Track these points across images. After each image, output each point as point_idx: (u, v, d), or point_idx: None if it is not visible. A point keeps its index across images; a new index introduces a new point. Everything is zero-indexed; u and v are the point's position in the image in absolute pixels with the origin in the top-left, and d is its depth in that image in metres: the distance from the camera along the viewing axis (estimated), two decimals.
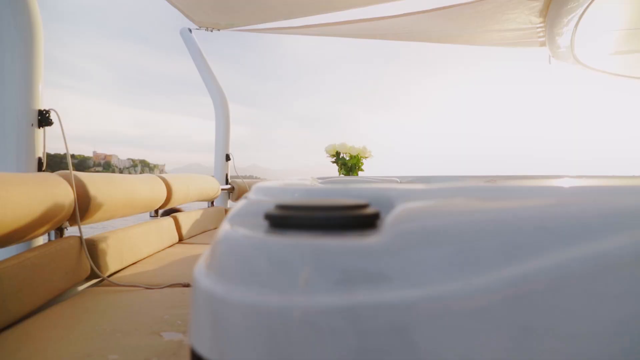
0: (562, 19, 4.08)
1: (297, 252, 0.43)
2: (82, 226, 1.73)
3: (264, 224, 0.52)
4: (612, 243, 0.39)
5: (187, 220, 2.94)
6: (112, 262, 1.85)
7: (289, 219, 0.49)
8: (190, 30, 4.33)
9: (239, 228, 0.56)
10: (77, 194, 1.68)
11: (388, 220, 0.46)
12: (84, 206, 1.72)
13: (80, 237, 1.70)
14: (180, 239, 2.79)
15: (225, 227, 0.60)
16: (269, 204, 0.61)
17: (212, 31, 4.32)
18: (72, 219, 1.69)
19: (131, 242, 2.09)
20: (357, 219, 0.49)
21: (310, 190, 0.64)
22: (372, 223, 0.50)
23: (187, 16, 3.97)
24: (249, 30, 4.39)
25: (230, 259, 0.48)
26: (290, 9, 3.91)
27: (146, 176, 2.50)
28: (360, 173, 3.37)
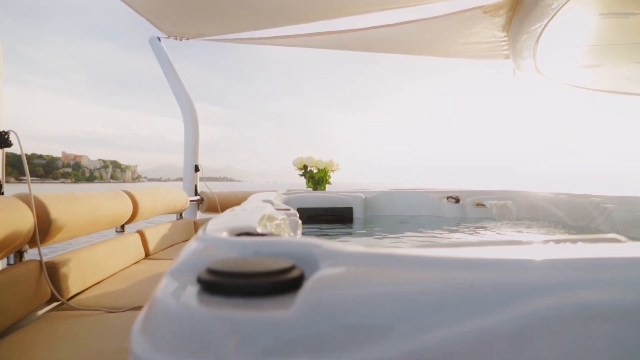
0: (523, 34, 4.22)
1: (218, 325, 0.48)
2: (44, 247, 1.73)
3: (197, 287, 0.57)
4: (495, 318, 0.45)
5: (154, 234, 2.94)
6: (74, 283, 1.85)
7: (218, 285, 0.54)
8: (159, 39, 4.31)
9: (175, 289, 0.60)
10: (37, 216, 1.67)
11: (303, 292, 0.51)
12: (44, 228, 1.72)
13: (40, 261, 1.70)
14: (147, 255, 2.78)
15: (165, 282, 0.65)
16: (210, 258, 0.65)
17: (181, 40, 4.31)
18: (33, 242, 1.69)
19: (94, 261, 2.09)
20: (281, 284, 0.54)
21: (253, 243, 0.68)
22: (297, 285, 0.55)
23: (155, 26, 3.96)
24: (218, 40, 4.40)
25: (161, 326, 0.52)
26: (260, 20, 3.95)
27: (111, 192, 2.49)
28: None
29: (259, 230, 0.88)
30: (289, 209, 1.80)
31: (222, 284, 0.53)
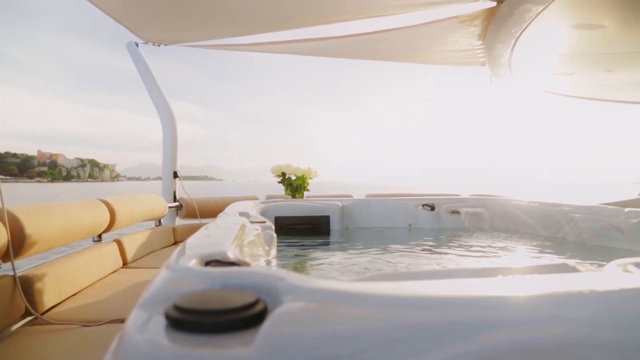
0: (498, 43, 4.32)
1: None
2: (18, 260, 1.72)
3: (165, 322, 0.59)
4: (438, 357, 0.48)
5: (132, 242, 2.93)
6: (50, 296, 1.84)
7: (184, 322, 0.57)
8: (136, 44, 4.28)
9: (143, 323, 0.63)
10: (10, 231, 1.67)
11: (265, 328, 0.54)
12: (18, 242, 1.71)
13: (14, 275, 1.69)
14: (125, 263, 2.77)
15: (134, 316, 0.67)
16: (179, 290, 0.68)
17: (159, 46, 4.30)
18: (6, 257, 1.68)
19: (71, 272, 2.08)
20: (244, 320, 0.57)
21: (220, 275, 0.71)
22: (260, 319, 0.59)
23: (133, 32, 3.94)
24: (197, 46, 4.40)
25: None
26: (238, 27, 3.96)
27: (87, 202, 2.48)
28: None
29: (230, 254, 0.91)
30: (264, 222, 1.83)
31: (187, 321, 0.56)
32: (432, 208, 3.07)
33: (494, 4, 3.73)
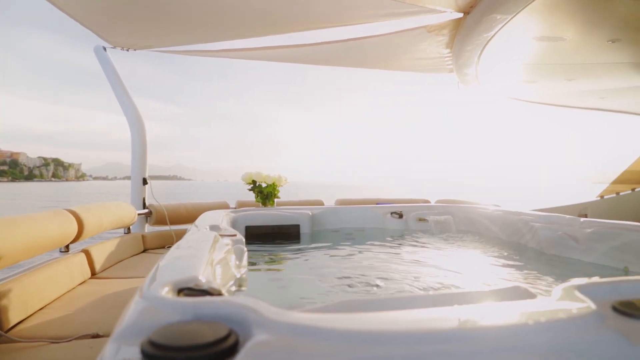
0: (465, 52, 4.45)
1: None
2: None
3: (140, 356, 0.62)
4: None
5: (100, 252, 2.89)
6: (15, 313, 1.81)
7: (159, 358, 0.59)
8: (104, 49, 4.20)
9: (119, 355, 0.65)
10: None
11: None
12: None
13: None
14: (93, 274, 2.73)
15: (108, 350, 0.69)
16: (152, 322, 0.71)
17: (128, 50, 4.24)
18: None
19: (36, 286, 2.04)
20: (216, 355, 0.60)
21: (193, 306, 0.73)
22: (232, 352, 0.62)
23: (101, 37, 3.88)
24: (167, 52, 4.37)
25: None
26: (209, 34, 3.96)
27: (54, 212, 2.44)
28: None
29: (202, 279, 0.93)
30: (235, 235, 1.85)
31: (162, 357, 0.59)
32: (400, 216, 3.15)
33: (461, 15, 3.85)
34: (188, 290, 0.83)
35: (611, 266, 1.91)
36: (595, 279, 0.89)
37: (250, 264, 1.93)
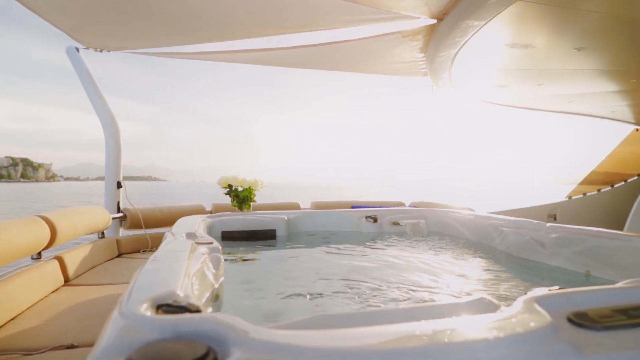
0: (438, 57, 4.54)
1: None
2: None
3: None
4: None
5: (73, 258, 2.85)
6: None
7: None
8: (77, 49, 4.13)
9: None
10: None
11: None
12: None
13: None
14: (67, 280, 2.69)
15: None
16: (132, 341, 0.73)
17: (101, 52, 4.18)
18: None
19: (7, 296, 2.00)
20: None
21: (172, 323, 0.76)
22: None
23: (73, 38, 3.82)
24: (142, 54, 4.32)
25: None
26: (184, 37, 3.94)
27: (25, 219, 2.40)
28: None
29: (180, 294, 0.95)
30: (211, 242, 1.86)
31: None
32: (375, 220, 3.21)
33: (435, 21, 3.93)
34: (167, 306, 0.85)
35: (574, 270, 2.00)
36: (555, 289, 0.95)
37: (227, 271, 1.95)
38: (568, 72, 4.84)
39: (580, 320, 0.76)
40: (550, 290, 0.94)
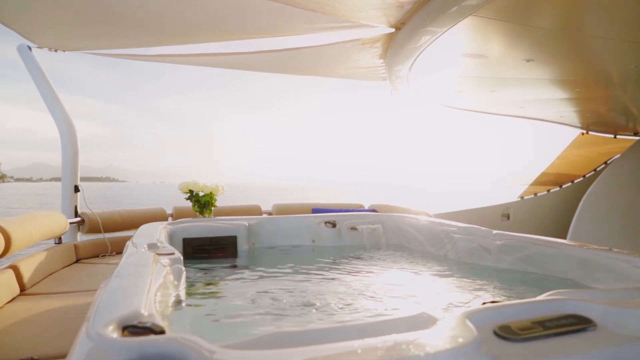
0: (397, 64, 4.69)
1: None
2: None
3: None
4: None
5: (29, 266, 2.79)
6: None
7: None
8: (30, 48, 4.00)
9: None
10: None
11: None
12: None
13: None
14: (23, 290, 2.64)
15: None
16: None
17: (56, 51, 4.07)
18: None
19: None
20: None
21: (138, 345, 0.81)
22: None
23: (25, 37, 3.71)
24: (101, 55, 4.25)
25: None
26: (142, 40, 3.90)
27: None
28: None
29: (144, 313, 1.00)
30: (173, 253, 1.90)
31: None
32: (334, 225, 3.31)
33: (393, 30, 4.06)
34: (132, 327, 0.91)
35: (516, 276, 2.17)
36: (488, 302, 1.06)
37: (188, 282, 1.99)
38: (519, 81, 5.09)
39: (504, 333, 0.87)
40: (483, 304, 1.05)
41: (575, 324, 0.92)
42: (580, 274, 1.83)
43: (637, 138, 7.70)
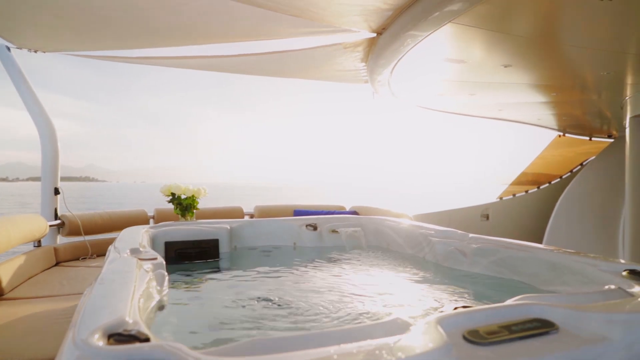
0: (378, 67, 4.76)
1: None
2: None
3: None
4: None
5: (8, 270, 2.77)
6: None
7: None
8: (8, 49, 3.96)
9: None
10: None
11: None
12: None
13: None
14: (2, 295, 2.62)
15: None
16: None
17: (36, 52, 4.03)
18: None
19: None
20: None
21: (125, 353, 0.85)
22: None
23: (5, 39, 3.67)
24: (82, 56, 4.22)
25: None
26: (125, 43, 3.89)
27: None
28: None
29: (129, 321, 1.03)
30: (155, 258, 1.92)
31: None
32: (315, 228, 3.35)
33: (374, 35, 4.13)
34: (118, 335, 0.94)
35: (489, 280, 2.24)
36: (459, 307, 1.12)
37: (171, 287, 2.01)
38: (498, 85, 5.22)
39: (472, 337, 0.93)
40: (455, 309, 1.11)
41: (538, 328, 0.98)
42: (549, 277, 1.91)
43: (611, 140, 7.93)
